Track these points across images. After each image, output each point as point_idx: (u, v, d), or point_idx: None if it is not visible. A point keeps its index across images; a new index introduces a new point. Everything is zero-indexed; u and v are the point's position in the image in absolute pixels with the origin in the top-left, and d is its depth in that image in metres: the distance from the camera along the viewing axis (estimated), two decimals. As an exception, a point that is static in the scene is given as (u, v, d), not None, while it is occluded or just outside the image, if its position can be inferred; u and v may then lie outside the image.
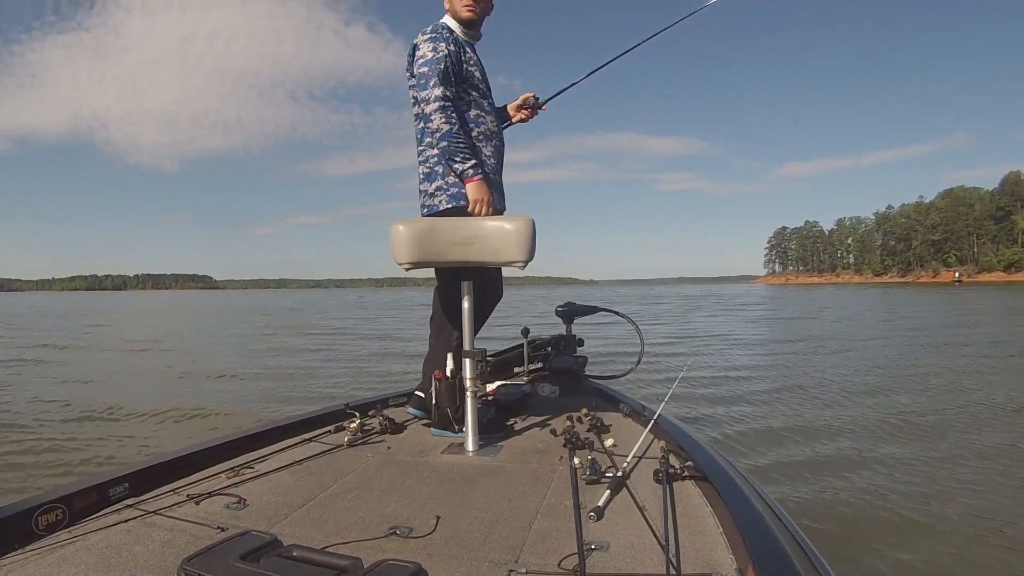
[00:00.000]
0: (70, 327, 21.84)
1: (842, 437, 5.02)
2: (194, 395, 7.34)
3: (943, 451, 4.56)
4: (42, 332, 19.04)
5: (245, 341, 15.86)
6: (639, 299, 42.97)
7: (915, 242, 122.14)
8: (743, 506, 1.45)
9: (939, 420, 5.53)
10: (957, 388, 7.11)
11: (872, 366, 9.00)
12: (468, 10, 2.47)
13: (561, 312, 3.31)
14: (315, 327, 20.91)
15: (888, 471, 4.11)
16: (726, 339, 14.08)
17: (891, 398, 6.58)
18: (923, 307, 26.39)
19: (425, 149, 2.44)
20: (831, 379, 7.82)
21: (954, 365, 8.92)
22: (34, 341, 15.38)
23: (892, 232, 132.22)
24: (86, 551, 1.34)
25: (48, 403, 6.82)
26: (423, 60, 2.33)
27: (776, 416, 5.83)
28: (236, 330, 20.37)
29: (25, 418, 6.07)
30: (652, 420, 2.23)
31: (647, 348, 3.44)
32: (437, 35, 2.37)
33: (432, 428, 2.38)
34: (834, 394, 6.84)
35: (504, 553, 1.36)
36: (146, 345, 14.69)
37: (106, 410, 6.34)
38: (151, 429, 5.69)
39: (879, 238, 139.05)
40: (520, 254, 2.11)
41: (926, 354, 10.34)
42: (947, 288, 63.50)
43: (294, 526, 1.51)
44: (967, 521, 3.29)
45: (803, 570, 1.16)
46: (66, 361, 11.26)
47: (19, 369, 10.16)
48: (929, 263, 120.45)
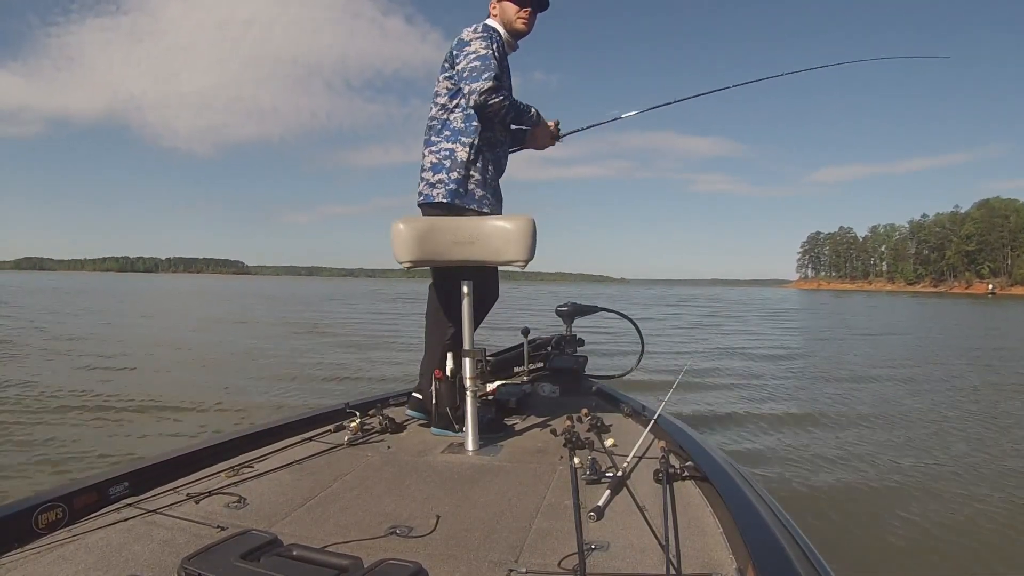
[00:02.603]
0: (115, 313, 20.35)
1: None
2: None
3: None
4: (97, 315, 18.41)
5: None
6: (655, 301, 40.11)
7: (949, 252, 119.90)
8: (743, 506, 1.45)
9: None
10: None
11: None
12: (523, 23, 2.55)
13: (561, 312, 3.30)
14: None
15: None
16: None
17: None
18: (987, 320, 24.15)
19: (440, 141, 2.46)
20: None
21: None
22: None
23: (926, 241, 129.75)
24: (86, 550, 1.35)
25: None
26: (476, 55, 2.35)
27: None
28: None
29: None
30: (652, 420, 2.23)
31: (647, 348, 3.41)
32: (489, 35, 2.42)
33: (432, 428, 2.38)
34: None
35: (504, 553, 1.36)
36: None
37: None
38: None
39: (913, 246, 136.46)
40: (520, 254, 2.11)
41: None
42: (982, 300, 61.33)
43: (294, 525, 1.51)
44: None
45: (803, 570, 1.16)
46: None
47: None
48: (962, 273, 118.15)
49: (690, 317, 23.37)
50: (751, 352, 11.65)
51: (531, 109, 2.55)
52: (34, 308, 20.27)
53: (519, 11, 2.52)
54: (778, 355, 11.35)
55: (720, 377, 8.39)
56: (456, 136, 2.43)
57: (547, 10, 2.61)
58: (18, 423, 5.05)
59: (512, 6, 2.52)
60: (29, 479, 3.74)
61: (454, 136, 2.43)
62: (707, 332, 16.66)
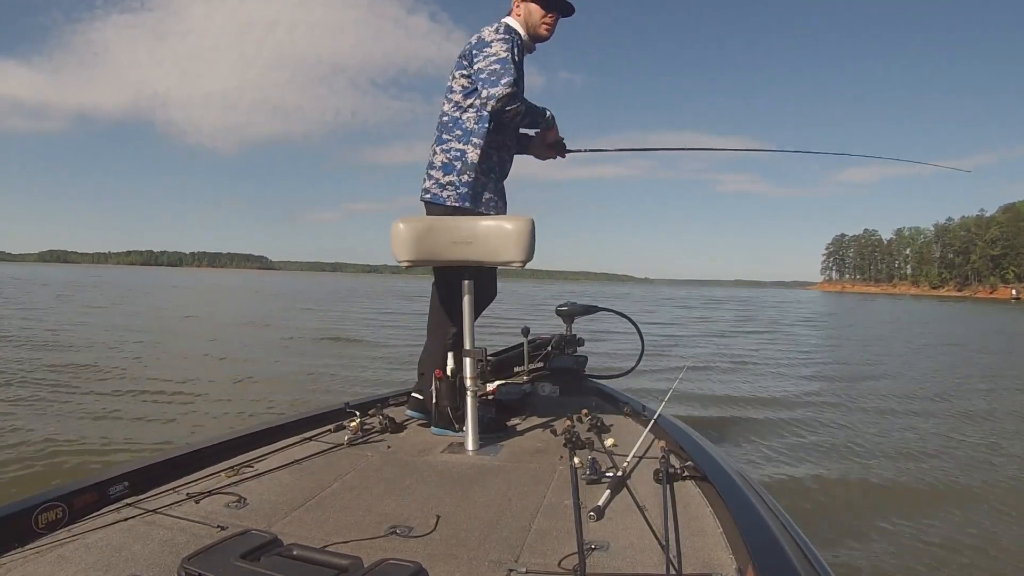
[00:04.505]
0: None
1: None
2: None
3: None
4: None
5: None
6: (675, 303, 37.61)
7: (974, 256, 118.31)
8: (743, 506, 1.45)
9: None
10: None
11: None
12: (547, 29, 2.54)
13: (561, 312, 3.29)
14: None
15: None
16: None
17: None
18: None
19: (452, 140, 2.45)
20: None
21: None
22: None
23: (951, 245, 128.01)
24: (86, 550, 1.34)
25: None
26: (496, 58, 2.34)
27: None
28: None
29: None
30: (652, 420, 2.23)
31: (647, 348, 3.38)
32: (510, 38, 2.40)
33: (432, 427, 2.38)
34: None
35: (504, 553, 1.36)
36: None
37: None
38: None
39: (938, 250, 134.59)
40: (519, 254, 2.11)
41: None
42: (1006, 305, 59.65)
43: (294, 525, 1.51)
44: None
45: (803, 570, 1.16)
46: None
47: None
48: (987, 278, 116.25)
49: (743, 323, 21.16)
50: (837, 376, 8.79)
51: (546, 111, 2.55)
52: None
53: (544, 16, 2.50)
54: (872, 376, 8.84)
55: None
56: (468, 137, 2.42)
57: (571, 15, 2.59)
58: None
59: (538, 9, 2.49)
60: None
61: (466, 136, 2.42)
62: (762, 340, 14.67)
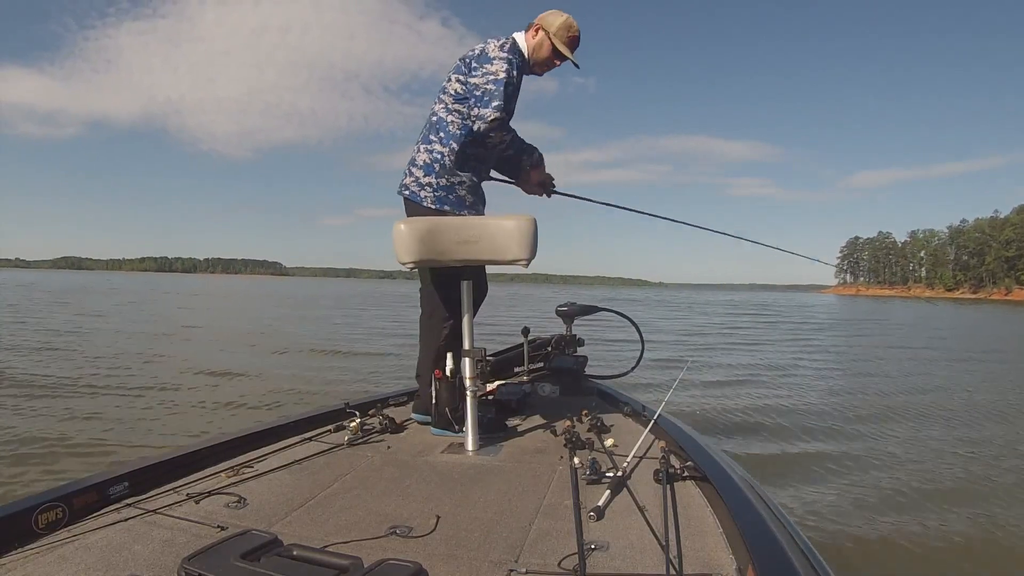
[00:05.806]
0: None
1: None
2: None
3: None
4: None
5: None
6: (728, 308, 35.33)
7: (988, 258, 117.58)
8: (743, 506, 1.45)
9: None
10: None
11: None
12: (545, 70, 2.58)
13: (562, 312, 3.30)
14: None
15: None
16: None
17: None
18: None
19: (435, 141, 2.47)
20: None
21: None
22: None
23: (965, 247, 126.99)
24: (86, 550, 1.34)
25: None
26: (493, 78, 2.34)
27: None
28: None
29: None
30: (652, 420, 2.22)
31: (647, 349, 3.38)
32: (513, 58, 2.40)
33: (432, 427, 2.38)
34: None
35: (504, 553, 1.36)
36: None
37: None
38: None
39: (952, 252, 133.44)
40: (523, 252, 2.11)
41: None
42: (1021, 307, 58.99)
43: (294, 525, 1.51)
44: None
45: (803, 570, 1.16)
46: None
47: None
48: (1002, 280, 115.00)
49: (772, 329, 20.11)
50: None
51: (535, 151, 2.64)
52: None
53: (551, 59, 2.53)
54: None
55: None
56: (449, 140, 2.44)
57: (576, 68, 2.61)
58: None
59: (550, 50, 2.50)
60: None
61: (447, 140, 2.45)
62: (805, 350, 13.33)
